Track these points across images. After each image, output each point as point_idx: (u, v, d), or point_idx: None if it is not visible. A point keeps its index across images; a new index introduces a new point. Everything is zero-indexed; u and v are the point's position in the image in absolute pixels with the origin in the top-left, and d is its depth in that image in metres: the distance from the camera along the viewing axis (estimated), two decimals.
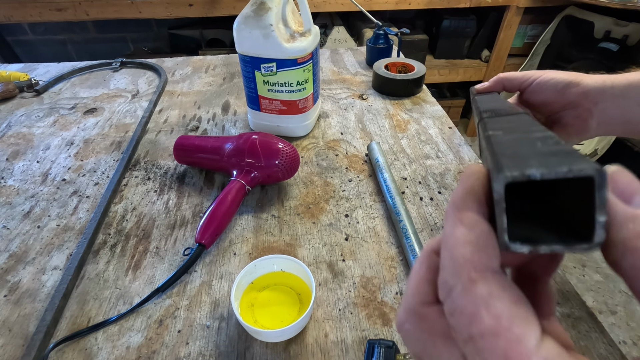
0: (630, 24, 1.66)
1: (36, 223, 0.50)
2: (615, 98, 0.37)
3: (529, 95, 0.41)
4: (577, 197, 0.14)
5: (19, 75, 0.86)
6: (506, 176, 0.12)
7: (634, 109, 0.37)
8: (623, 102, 0.37)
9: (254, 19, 0.54)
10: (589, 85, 0.38)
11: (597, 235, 0.12)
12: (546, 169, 0.12)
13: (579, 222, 0.13)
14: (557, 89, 0.39)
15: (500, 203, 0.13)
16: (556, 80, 0.39)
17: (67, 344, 0.37)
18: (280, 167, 0.51)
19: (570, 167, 0.12)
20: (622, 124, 0.38)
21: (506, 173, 0.12)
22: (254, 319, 0.37)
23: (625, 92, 0.37)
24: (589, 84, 0.38)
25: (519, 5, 1.74)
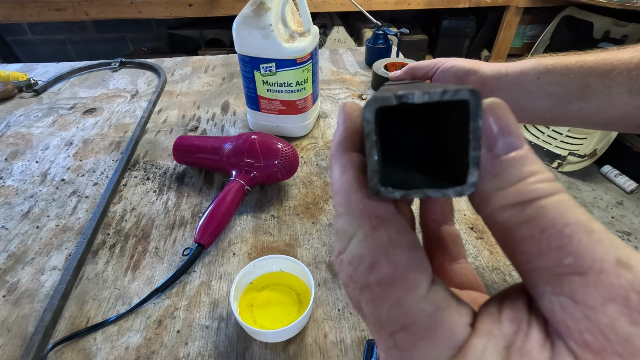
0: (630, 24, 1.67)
1: (35, 223, 0.50)
2: (509, 85, 0.38)
3: (435, 81, 0.42)
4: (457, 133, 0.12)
5: (18, 75, 0.86)
6: (376, 98, 0.11)
7: (525, 96, 0.38)
8: (515, 90, 0.38)
9: (253, 19, 0.54)
10: (486, 73, 0.39)
11: (470, 175, 0.11)
12: (419, 92, 0.11)
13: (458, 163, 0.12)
14: (458, 76, 0.40)
15: (370, 136, 0.11)
16: (457, 68, 0.40)
17: (66, 345, 0.37)
18: (279, 167, 0.51)
19: (445, 89, 0.10)
20: (516, 111, 0.39)
21: (377, 95, 0.11)
22: (253, 319, 0.37)
23: (517, 80, 0.38)
24: (486, 72, 0.39)
25: (519, 6, 1.74)
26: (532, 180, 0.11)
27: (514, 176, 0.11)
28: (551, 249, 0.10)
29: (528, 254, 0.11)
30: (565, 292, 0.10)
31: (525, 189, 0.11)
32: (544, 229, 0.10)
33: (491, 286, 0.41)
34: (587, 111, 0.36)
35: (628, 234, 1.59)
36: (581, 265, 0.10)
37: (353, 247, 0.13)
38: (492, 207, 0.12)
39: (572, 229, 0.10)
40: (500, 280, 0.42)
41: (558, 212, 0.10)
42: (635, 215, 1.68)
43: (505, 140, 0.12)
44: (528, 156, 0.12)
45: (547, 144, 2.02)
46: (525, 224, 0.11)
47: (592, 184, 1.87)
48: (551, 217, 0.10)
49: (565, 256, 0.10)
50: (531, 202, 0.11)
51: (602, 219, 1.67)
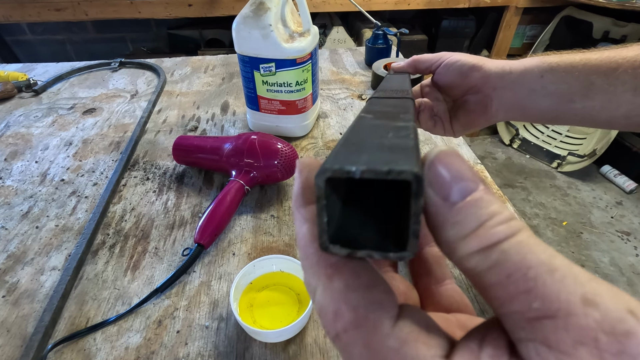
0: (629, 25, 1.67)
1: (35, 223, 0.50)
2: (512, 84, 0.38)
3: (437, 76, 0.41)
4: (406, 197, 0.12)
5: (18, 75, 0.86)
6: (325, 169, 0.11)
7: (529, 94, 0.37)
8: (518, 88, 0.37)
9: (253, 19, 0.54)
10: (490, 69, 0.38)
11: (410, 245, 0.12)
12: (366, 167, 0.11)
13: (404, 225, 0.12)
14: (462, 71, 0.39)
15: (320, 200, 0.12)
16: (461, 63, 0.39)
17: (66, 345, 0.37)
18: (279, 167, 0.51)
19: (391, 168, 0.11)
20: (518, 109, 0.39)
21: (326, 166, 0.11)
22: (253, 319, 0.37)
23: (520, 78, 0.37)
24: (490, 69, 0.38)
25: (518, 6, 1.74)
26: (491, 223, 0.11)
27: (473, 222, 0.11)
28: (519, 293, 0.10)
29: (500, 299, 0.11)
30: (538, 338, 0.10)
31: (485, 234, 0.11)
32: (509, 274, 0.10)
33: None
34: (591, 110, 0.35)
35: (627, 234, 1.60)
36: (549, 308, 0.09)
37: (318, 299, 0.13)
38: (458, 255, 0.12)
39: (535, 271, 0.10)
40: None
41: (520, 255, 0.10)
42: (635, 215, 1.68)
43: (459, 186, 0.12)
44: (484, 198, 0.11)
45: (547, 144, 2.02)
46: (492, 269, 0.11)
47: (592, 184, 1.87)
48: (514, 261, 0.10)
49: (533, 300, 0.10)
50: (493, 247, 0.11)
51: (602, 219, 1.67)
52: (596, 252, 1.53)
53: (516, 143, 2.12)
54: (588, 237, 1.60)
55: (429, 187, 0.12)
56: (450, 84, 0.41)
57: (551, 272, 0.10)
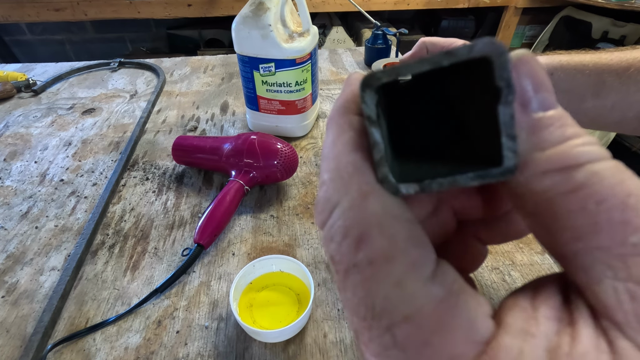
0: (628, 25, 1.67)
1: (34, 224, 0.50)
2: None
3: None
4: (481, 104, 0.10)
5: (17, 75, 0.86)
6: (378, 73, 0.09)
7: None
8: None
9: (252, 19, 0.54)
10: None
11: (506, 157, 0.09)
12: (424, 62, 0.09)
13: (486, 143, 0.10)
14: None
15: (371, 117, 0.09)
16: None
17: (65, 345, 0.37)
18: (279, 168, 0.51)
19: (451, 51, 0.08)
20: None
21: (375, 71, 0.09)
22: (252, 320, 0.37)
23: None
24: None
25: (517, 6, 1.75)
26: (578, 141, 0.09)
27: (557, 136, 0.09)
28: (612, 224, 0.08)
29: (577, 231, 0.09)
30: (634, 278, 0.08)
31: (572, 150, 0.09)
32: (600, 200, 0.08)
33: (490, 286, 0.41)
34: (602, 109, 0.35)
35: None
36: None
37: (335, 218, 0.10)
38: (529, 172, 0.09)
39: (637, 200, 0.08)
40: (499, 280, 0.42)
41: (616, 178, 0.08)
42: None
43: (541, 96, 0.10)
44: (568, 116, 0.10)
45: None
46: (575, 193, 0.09)
47: None
48: (609, 185, 0.08)
49: (631, 233, 0.08)
50: (582, 166, 0.09)
51: None
52: None
53: None
54: None
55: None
56: None
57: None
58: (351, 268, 0.10)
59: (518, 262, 0.44)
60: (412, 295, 0.09)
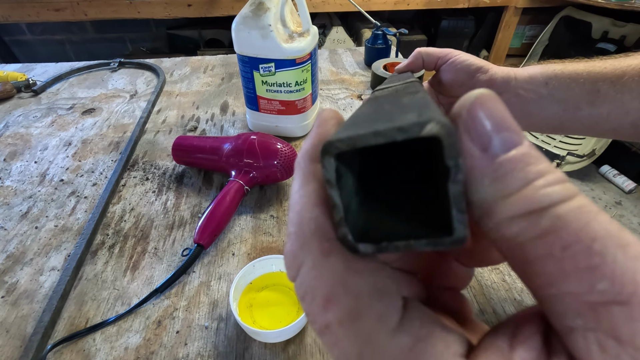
0: (628, 25, 1.67)
1: (34, 224, 0.50)
2: (517, 90, 0.37)
3: (443, 72, 0.40)
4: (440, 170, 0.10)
5: (17, 75, 0.86)
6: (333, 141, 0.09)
7: (534, 102, 0.37)
8: (523, 95, 0.37)
9: (252, 19, 0.54)
10: (497, 74, 0.38)
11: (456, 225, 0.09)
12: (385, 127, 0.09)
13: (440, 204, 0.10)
14: (469, 70, 0.38)
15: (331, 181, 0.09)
16: (469, 62, 0.38)
17: (65, 345, 0.37)
18: (278, 168, 0.51)
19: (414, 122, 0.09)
20: (523, 117, 0.38)
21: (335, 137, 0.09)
22: (252, 320, 0.37)
23: (525, 84, 0.37)
24: (496, 73, 0.38)
25: (517, 6, 1.75)
26: (541, 182, 0.09)
27: (520, 179, 0.09)
28: (579, 271, 0.08)
29: (548, 277, 0.09)
30: (604, 328, 0.08)
31: (535, 194, 0.09)
32: (566, 245, 0.08)
33: (490, 286, 0.41)
34: (597, 117, 0.35)
35: None
36: (621, 292, 0.08)
37: (303, 277, 0.10)
38: (496, 219, 0.09)
39: (602, 244, 0.08)
40: (499, 280, 0.42)
41: (581, 222, 0.08)
42: (634, 215, 1.68)
43: (502, 137, 0.09)
44: (531, 153, 0.09)
45: (546, 144, 2.02)
46: (541, 238, 0.09)
47: (591, 184, 1.87)
48: (574, 229, 0.08)
49: (598, 280, 0.08)
50: (545, 210, 0.09)
51: None
52: None
53: None
54: None
55: (465, 134, 0.10)
56: (455, 82, 0.40)
57: (623, 247, 0.08)
58: (324, 329, 0.10)
59: None
60: (382, 349, 0.09)
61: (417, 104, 0.11)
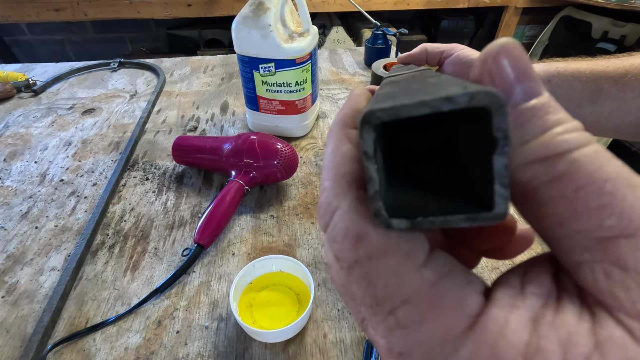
0: (628, 25, 1.67)
1: (34, 224, 0.50)
2: None
3: (446, 66, 0.40)
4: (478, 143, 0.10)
5: (17, 75, 0.86)
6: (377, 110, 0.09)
7: None
8: None
9: (252, 19, 0.54)
10: None
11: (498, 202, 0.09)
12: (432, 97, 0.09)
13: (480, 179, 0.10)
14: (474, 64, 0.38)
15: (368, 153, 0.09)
16: (474, 58, 0.38)
17: (65, 345, 0.37)
18: (278, 168, 0.51)
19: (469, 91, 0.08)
20: None
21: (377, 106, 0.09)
22: (252, 320, 0.37)
23: None
24: None
25: (517, 6, 1.75)
26: (559, 130, 0.10)
27: (538, 127, 0.10)
28: (589, 209, 0.09)
29: (559, 217, 0.09)
30: (610, 258, 0.08)
31: (552, 140, 0.09)
32: (579, 186, 0.09)
33: None
34: (599, 116, 0.35)
35: None
36: (628, 226, 0.08)
37: (336, 221, 0.11)
38: (513, 164, 0.10)
39: (613, 185, 0.09)
40: None
41: (595, 165, 0.09)
42: None
43: (524, 86, 0.10)
44: (551, 104, 0.10)
45: None
46: (556, 181, 0.09)
47: None
48: (587, 172, 0.09)
49: (607, 216, 0.08)
50: (561, 155, 0.09)
51: None
52: None
53: None
54: None
55: (489, 81, 0.10)
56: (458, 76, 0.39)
57: (633, 187, 0.08)
58: (353, 264, 0.11)
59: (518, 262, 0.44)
60: (408, 281, 0.10)
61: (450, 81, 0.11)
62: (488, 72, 0.10)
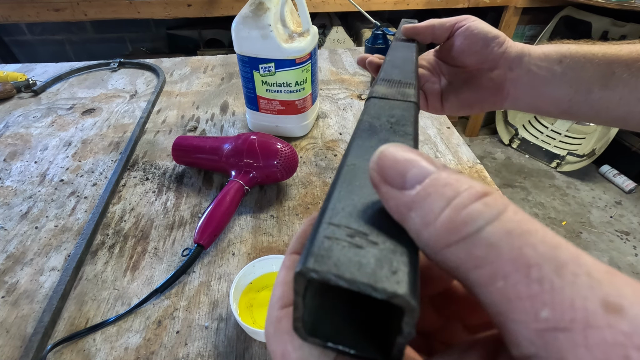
0: (628, 24, 1.67)
1: (34, 224, 0.50)
2: (530, 66, 0.35)
3: (457, 37, 0.38)
4: None
5: (17, 75, 0.86)
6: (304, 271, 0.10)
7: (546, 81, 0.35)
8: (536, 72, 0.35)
9: (252, 19, 0.54)
10: (511, 48, 0.36)
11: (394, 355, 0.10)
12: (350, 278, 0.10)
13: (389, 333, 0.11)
14: (486, 38, 0.36)
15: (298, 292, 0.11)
16: (487, 30, 0.37)
17: (65, 345, 0.37)
18: (278, 168, 0.51)
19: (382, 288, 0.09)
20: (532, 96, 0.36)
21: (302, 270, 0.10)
22: (252, 320, 0.37)
23: (539, 61, 0.35)
24: (511, 47, 0.36)
25: (517, 6, 1.75)
26: (459, 201, 0.09)
27: (438, 201, 0.09)
28: (522, 299, 0.08)
29: (496, 306, 0.08)
30: (553, 355, 0.08)
31: (456, 216, 0.09)
32: (504, 275, 0.08)
33: None
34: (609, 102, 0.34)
35: (627, 234, 1.60)
36: (561, 319, 0.08)
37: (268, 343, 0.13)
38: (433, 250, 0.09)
39: (538, 272, 0.08)
40: None
41: (514, 249, 0.08)
42: (634, 214, 1.68)
43: (413, 172, 0.10)
44: (442, 176, 0.10)
45: (546, 144, 2.02)
46: (480, 269, 0.09)
47: (591, 184, 1.87)
48: (508, 259, 0.08)
49: (540, 307, 0.08)
50: (474, 236, 0.09)
51: (601, 219, 1.67)
52: (595, 252, 1.53)
53: (515, 143, 2.12)
54: (587, 236, 1.60)
55: (383, 184, 0.11)
56: (469, 49, 0.37)
57: (558, 270, 0.08)
58: None
59: None
60: None
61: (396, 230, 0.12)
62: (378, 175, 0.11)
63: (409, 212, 0.10)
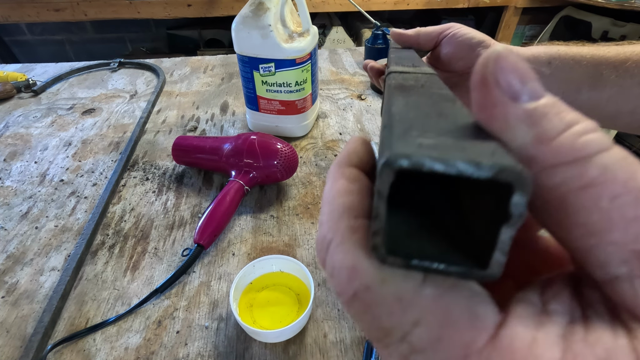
0: (628, 24, 1.67)
1: (34, 224, 0.50)
2: None
3: (443, 46, 0.39)
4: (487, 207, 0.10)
5: (17, 75, 0.86)
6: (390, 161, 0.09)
7: None
8: None
9: (252, 19, 0.54)
10: None
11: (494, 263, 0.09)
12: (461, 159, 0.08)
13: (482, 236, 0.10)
14: (470, 44, 0.37)
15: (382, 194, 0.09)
16: (471, 36, 0.37)
17: (65, 345, 0.37)
18: (279, 168, 0.51)
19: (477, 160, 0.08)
20: None
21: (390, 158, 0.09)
22: (252, 320, 0.37)
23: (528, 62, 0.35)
24: None
25: (517, 6, 1.75)
26: (579, 129, 0.09)
27: (556, 123, 0.09)
28: (626, 221, 0.08)
29: (591, 227, 0.09)
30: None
31: (577, 141, 0.09)
32: (614, 195, 0.08)
33: None
34: (598, 102, 0.34)
35: None
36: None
37: (331, 255, 0.11)
38: (538, 166, 0.09)
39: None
40: None
41: (627, 172, 0.08)
42: None
43: (529, 87, 0.10)
44: (560, 103, 0.10)
45: None
46: (588, 189, 0.08)
47: None
48: (622, 180, 0.08)
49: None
50: (590, 158, 0.09)
51: None
52: None
53: None
54: None
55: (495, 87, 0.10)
56: (455, 55, 0.38)
57: None
58: (352, 297, 0.10)
59: None
60: (413, 303, 0.10)
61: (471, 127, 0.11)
62: (492, 74, 0.10)
63: (519, 124, 0.09)
